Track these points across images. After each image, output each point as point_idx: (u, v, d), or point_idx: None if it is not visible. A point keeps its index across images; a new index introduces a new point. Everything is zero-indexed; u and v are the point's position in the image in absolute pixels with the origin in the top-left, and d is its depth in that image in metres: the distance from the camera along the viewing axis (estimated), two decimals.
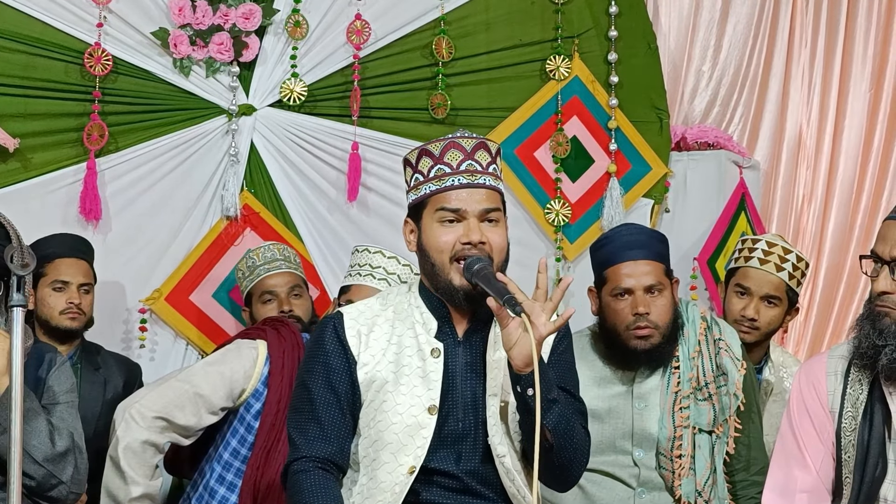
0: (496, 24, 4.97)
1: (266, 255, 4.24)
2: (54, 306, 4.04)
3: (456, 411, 2.67)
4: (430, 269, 2.70)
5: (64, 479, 3.05)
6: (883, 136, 5.70)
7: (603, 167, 5.04)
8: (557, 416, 2.60)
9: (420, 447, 2.63)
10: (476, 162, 2.70)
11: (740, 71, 5.52)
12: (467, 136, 2.74)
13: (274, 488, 3.61)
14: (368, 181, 4.76)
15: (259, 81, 4.71)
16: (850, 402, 2.90)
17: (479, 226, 2.66)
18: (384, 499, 2.63)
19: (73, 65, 4.51)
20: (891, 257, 2.80)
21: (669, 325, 3.43)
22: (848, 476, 2.88)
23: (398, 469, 2.64)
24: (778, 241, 4.03)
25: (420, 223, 2.72)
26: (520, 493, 2.68)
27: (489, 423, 2.66)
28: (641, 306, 3.39)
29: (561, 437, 2.61)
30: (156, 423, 3.51)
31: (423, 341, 2.70)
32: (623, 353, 3.45)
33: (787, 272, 3.96)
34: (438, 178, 2.69)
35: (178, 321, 4.59)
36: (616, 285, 3.44)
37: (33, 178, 4.46)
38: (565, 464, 2.67)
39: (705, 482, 3.39)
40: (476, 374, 2.70)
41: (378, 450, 2.67)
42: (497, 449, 2.65)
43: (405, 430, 2.64)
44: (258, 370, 3.65)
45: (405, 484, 2.62)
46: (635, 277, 3.41)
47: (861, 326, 2.87)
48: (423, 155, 2.73)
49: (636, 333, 3.40)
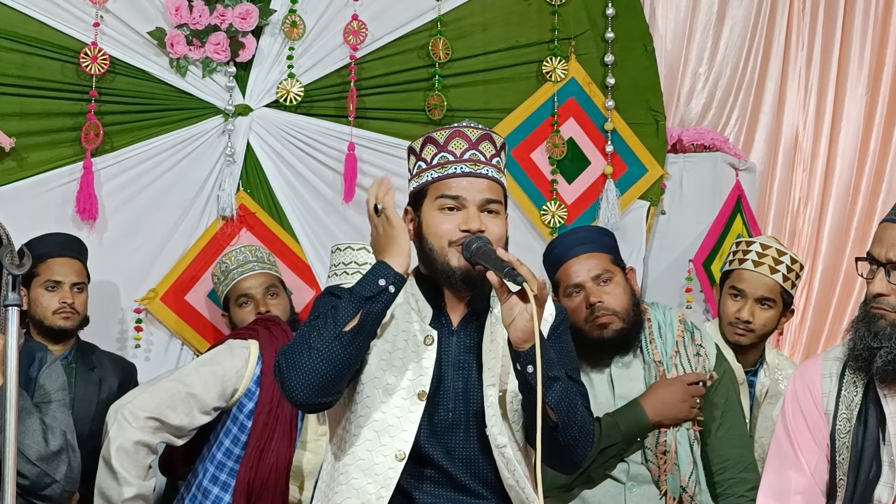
0: (493, 25, 4.97)
1: (238, 258, 4.25)
2: (47, 306, 4.04)
3: (447, 401, 2.65)
4: (428, 255, 2.68)
5: (58, 477, 3.05)
6: (879, 139, 5.71)
7: (599, 169, 5.04)
8: (560, 393, 2.58)
9: (406, 431, 2.61)
10: (480, 152, 2.70)
11: (737, 73, 5.53)
12: (473, 126, 2.74)
13: (267, 488, 3.61)
14: (365, 182, 4.76)
15: (255, 82, 4.71)
16: (845, 404, 2.90)
17: (478, 214, 2.65)
18: (370, 486, 2.60)
19: (69, 64, 4.51)
20: (887, 259, 2.80)
21: (628, 310, 3.44)
22: (842, 478, 2.88)
23: (381, 449, 2.61)
24: (772, 244, 4.03)
25: (420, 211, 2.72)
26: (518, 484, 2.65)
27: (488, 414, 2.64)
28: (593, 296, 3.42)
29: (564, 414, 2.59)
30: (148, 424, 3.51)
31: (417, 328, 2.69)
32: (590, 347, 3.44)
33: (781, 274, 3.96)
34: (441, 165, 2.69)
35: (173, 321, 4.59)
36: (567, 283, 3.47)
37: (29, 177, 4.46)
38: (571, 443, 2.64)
39: (689, 478, 3.40)
40: (469, 364, 2.69)
41: (361, 426, 2.64)
42: (497, 439, 2.63)
43: (393, 411, 2.62)
44: (250, 370, 3.66)
45: (396, 471, 2.60)
46: (583, 271, 3.45)
47: (856, 328, 2.87)
48: (428, 142, 2.74)
49: (595, 323, 3.42)
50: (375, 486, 2.60)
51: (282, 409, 3.63)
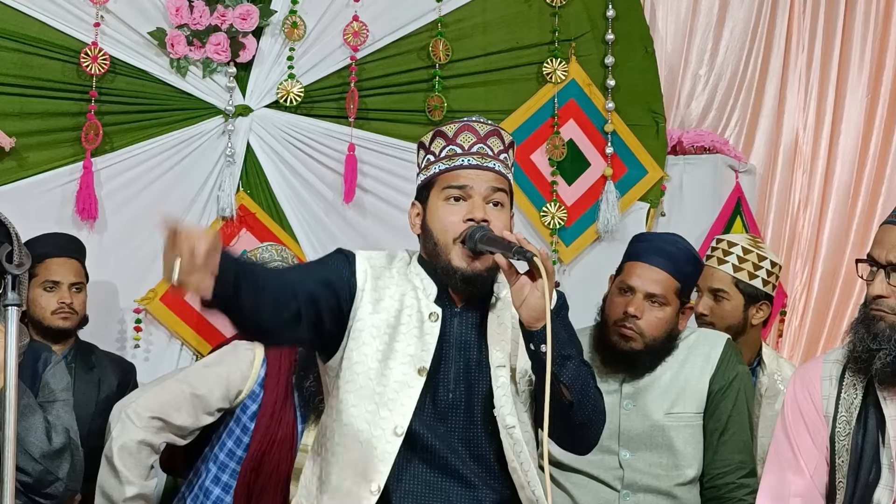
0: (493, 26, 4.97)
1: (264, 257, 4.24)
2: (46, 306, 4.04)
3: (447, 381, 2.65)
4: (432, 249, 2.69)
5: (60, 475, 3.06)
6: (879, 142, 5.71)
7: (599, 170, 5.04)
8: (574, 371, 2.59)
9: (406, 406, 2.60)
10: (488, 146, 2.72)
11: (737, 75, 5.52)
12: (482, 121, 2.76)
13: (269, 489, 3.61)
14: (365, 183, 4.76)
15: (256, 82, 4.71)
16: (845, 406, 2.90)
17: (483, 205, 2.66)
18: (368, 459, 2.59)
19: (69, 64, 4.51)
20: (887, 261, 2.80)
21: (657, 339, 3.45)
22: (841, 481, 2.88)
23: (380, 422, 2.60)
24: (724, 237, 4.11)
25: (426, 203, 2.72)
26: (522, 467, 2.64)
27: (497, 395, 2.63)
28: (633, 307, 3.42)
29: (579, 392, 2.60)
30: (152, 424, 3.51)
31: (423, 305, 2.69)
32: (607, 347, 3.48)
33: (730, 265, 3.99)
34: (449, 157, 2.71)
35: (173, 321, 4.59)
36: (624, 280, 3.48)
37: (29, 177, 4.46)
38: (585, 422, 2.66)
39: None
40: (471, 345, 2.68)
41: (362, 397, 2.62)
42: (506, 420, 2.62)
43: (392, 385, 2.61)
44: (255, 372, 3.65)
45: (394, 445, 2.58)
46: (643, 280, 3.44)
47: (856, 330, 2.87)
48: (437, 136, 2.75)
49: (620, 331, 3.44)
50: (373, 459, 2.59)
51: (285, 412, 3.63)
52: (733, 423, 3.50)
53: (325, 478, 2.68)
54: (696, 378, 3.49)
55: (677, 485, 3.45)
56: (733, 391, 3.51)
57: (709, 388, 3.49)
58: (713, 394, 3.48)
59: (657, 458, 3.45)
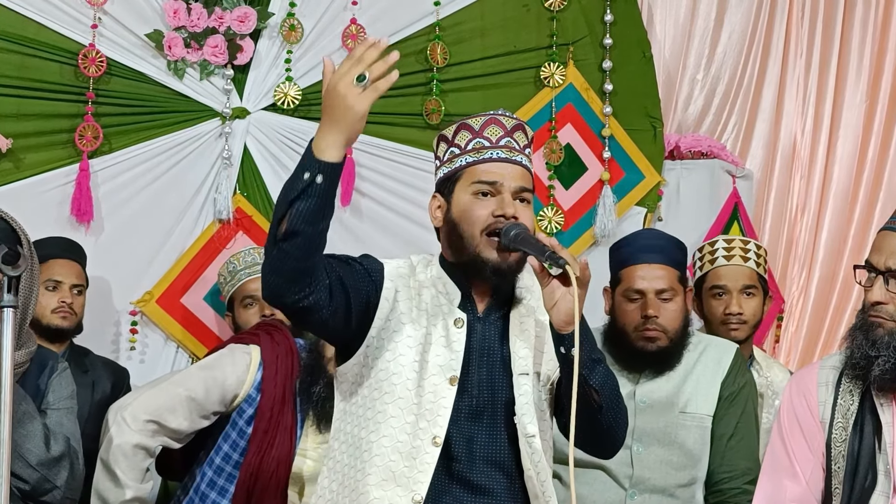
0: (491, 30, 4.97)
1: (247, 260, 4.25)
2: (46, 305, 4.04)
3: (471, 388, 2.63)
4: (458, 242, 2.66)
5: (58, 483, 3.04)
6: (877, 148, 5.71)
7: (596, 175, 5.04)
8: (603, 374, 2.61)
9: (441, 416, 2.58)
10: (514, 140, 2.71)
11: (734, 80, 5.52)
12: (508, 115, 2.76)
13: (267, 494, 3.61)
14: (362, 186, 4.76)
15: (253, 85, 4.71)
16: (841, 412, 2.90)
17: (513, 202, 2.65)
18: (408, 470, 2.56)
19: (67, 66, 4.50)
20: (885, 267, 2.80)
21: (679, 331, 3.50)
22: (837, 487, 2.88)
23: (419, 433, 2.57)
24: (732, 237, 4.11)
25: (451, 197, 2.70)
26: (539, 476, 2.62)
27: (519, 402, 2.62)
28: (651, 309, 3.46)
29: (608, 397, 2.61)
30: (147, 427, 3.51)
31: (446, 311, 2.67)
32: (630, 354, 3.51)
33: (752, 261, 4.00)
34: (476, 150, 2.69)
35: (168, 324, 4.58)
36: (629, 287, 3.50)
37: (26, 178, 4.45)
38: (612, 425, 2.66)
39: None
40: (494, 351, 2.67)
41: (400, 407, 2.59)
42: (527, 428, 2.61)
43: (427, 396, 2.60)
44: (251, 376, 3.65)
45: (433, 456, 2.56)
46: (648, 280, 3.48)
47: (854, 337, 2.87)
48: (462, 129, 2.73)
49: (644, 335, 3.47)
50: (413, 470, 2.57)
51: (282, 415, 3.62)
52: (741, 430, 3.53)
53: (353, 486, 2.63)
54: (708, 381, 3.53)
55: (683, 485, 3.48)
56: (742, 398, 3.54)
57: (720, 393, 3.53)
58: (723, 398, 3.52)
59: (668, 454, 3.48)
